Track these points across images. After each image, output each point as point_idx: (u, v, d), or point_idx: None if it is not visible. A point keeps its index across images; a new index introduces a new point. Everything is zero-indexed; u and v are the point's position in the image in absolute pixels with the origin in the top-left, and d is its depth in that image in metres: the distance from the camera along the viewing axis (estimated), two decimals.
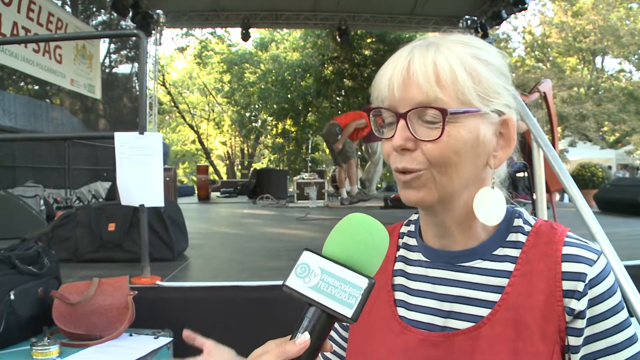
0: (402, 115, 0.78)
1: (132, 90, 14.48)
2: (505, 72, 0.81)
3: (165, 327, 2.10)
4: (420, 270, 0.89)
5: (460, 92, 0.75)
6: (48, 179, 7.48)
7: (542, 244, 0.81)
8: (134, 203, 2.40)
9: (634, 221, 5.41)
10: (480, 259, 0.83)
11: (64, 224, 2.96)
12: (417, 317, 0.86)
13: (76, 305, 1.96)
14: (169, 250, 2.93)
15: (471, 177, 0.80)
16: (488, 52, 0.80)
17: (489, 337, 0.78)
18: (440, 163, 0.77)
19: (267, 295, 2.29)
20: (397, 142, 0.78)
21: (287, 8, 12.53)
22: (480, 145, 0.78)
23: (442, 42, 0.79)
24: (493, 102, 0.78)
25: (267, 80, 22.36)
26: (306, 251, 0.70)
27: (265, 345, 0.70)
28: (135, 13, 10.57)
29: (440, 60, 0.76)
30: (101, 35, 13.33)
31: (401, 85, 0.77)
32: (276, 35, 24.37)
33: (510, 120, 0.81)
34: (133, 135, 2.36)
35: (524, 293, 0.78)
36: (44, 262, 2.10)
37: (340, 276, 0.67)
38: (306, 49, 21.53)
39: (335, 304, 0.66)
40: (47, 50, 8.50)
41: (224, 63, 24.67)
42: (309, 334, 0.67)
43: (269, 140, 26.50)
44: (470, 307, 0.81)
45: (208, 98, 28.53)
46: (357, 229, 0.71)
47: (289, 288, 0.68)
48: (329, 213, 6.71)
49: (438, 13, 12.88)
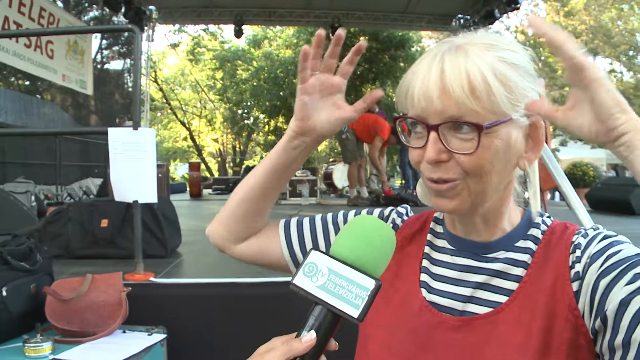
0: (433, 128, 0.78)
1: (123, 86, 14.42)
2: (531, 72, 0.81)
3: (158, 324, 2.09)
4: (445, 257, 0.92)
5: (494, 103, 0.75)
6: (39, 175, 7.44)
7: (555, 239, 0.85)
8: (127, 199, 2.39)
9: (625, 220, 5.46)
10: (503, 250, 0.87)
11: (56, 220, 2.94)
12: (436, 300, 0.89)
13: (69, 302, 1.95)
14: (162, 247, 2.92)
15: (502, 180, 0.82)
16: (515, 52, 0.80)
17: (506, 321, 0.81)
18: (476, 173, 0.78)
19: (261, 292, 2.29)
20: (430, 155, 0.78)
21: (281, 5, 12.52)
22: (511, 150, 0.80)
23: (469, 46, 0.78)
24: (522, 105, 0.78)
25: (260, 78, 22.29)
26: (314, 250, 0.71)
27: (271, 342, 0.70)
28: (128, 9, 10.52)
29: (472, 70, 0.75)
30: (95, 30, 13.28)
31: (436, 97, 0.77)
32: (269, 32, 24.30)
33: (538, 123, 0.82)
34: (127, 130, 2.34)
35: (538, 281, 0.82)
36: (37, 258, 2.08)
37: (347, 277, 0.68)
38: (299, 46, 21.48)
39: (342, 304, 0.67)
40: (39, 45, 8.43)
41: (216, 60, 24.58)
42: (315, 332, 0.68)
43: (260, 138, 26.45)
44: (491, 293, 0.85)
45: (200, 95, 28.44)
46: (367, 231, 0.73)
47: (297, 287, 0.69)
48: (321, 210, 6.68)
49: (431, 11, 12.92)
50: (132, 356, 1.80)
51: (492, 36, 0.82)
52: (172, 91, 28.02)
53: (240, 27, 12.74)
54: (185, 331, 2.17)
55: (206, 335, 2.21)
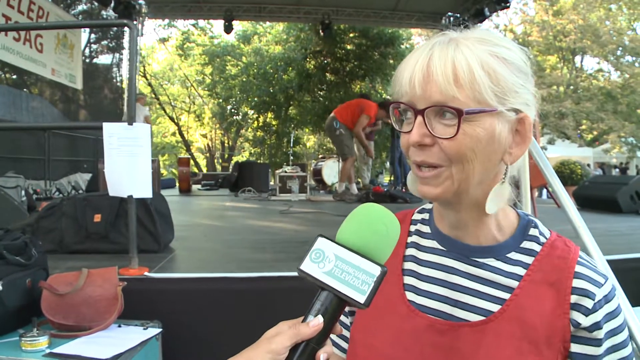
0: (419, 112, 0.80)
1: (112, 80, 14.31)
2: (524, 70, 0.82)
3: (153, 318, 2.11)
4: (434, 258, 0.93)
5: (477, 92, 0.77)
6: (27, 170, 7.37)
7: (555, 257, 0.86)
8: (122, 194, 2.40)
9: (612, 217, 5.53)
10: (494, 258, 0.88)
11: (49, 215, 2.94)
12: (425, 302, 0.90)
13: (65, 296, 1.96)
14: (156, 242, 2.93)
15: (486, 172, 0.83)
16: (508, 49, 0.81)
17: (495, 332, 0.82)
18: (457, 159, 0.80)
19: (255, 287, 2.31)
20: (414, 138, 0.81)
21: (271, 1, 12.47)
22: (495, 143, 0.81)
23: (462, 39, 0.81)
24: (510, 100, 0.80)
25: (249, 73, 22.23)
26: (321, 237, 0.73)
27: (277, 326, 0.72)
28: (118, 3, 10.42)
29: (459, 60, 0.77)
30: (91, 25, 13.11)
31: (421, 83, 0.79)
32: (259, 28, 24.22)
33: (526, 119, 0.82)
34: (122, 126, 2.35)
35: (533, 297, 0.83)
36: (32, 252, 2.08)
37: (354, 263, 0.70)
38: (289, 42, 21.45)
39: (349, 290, 0.69)
40: (28, 39, 8.35)
41: (205, 55, 24.47)
42: (322, 317, 0.70)
43: (249, 134, 26.39)
44: (480, 300, 0.86)
45: (189, 90, 28.30)
46: (373, 218, 0.74)
47: (304, 272, 0.71)
48: (311, 206, 6.73)
49: (421, 9, 12.94)
50: (129, 350, 1.82)
51: (487, 32, 0.84)
52: (161, 86, 27.86)
53: (230, 23, 12.68)
54: (180, 325, 2.19)
55: (200, 329, 2.22)
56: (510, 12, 25.00)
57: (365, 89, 19.64)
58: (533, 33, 26.24)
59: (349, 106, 7.95)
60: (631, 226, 4.87)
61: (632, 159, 25.71)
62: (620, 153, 25.78)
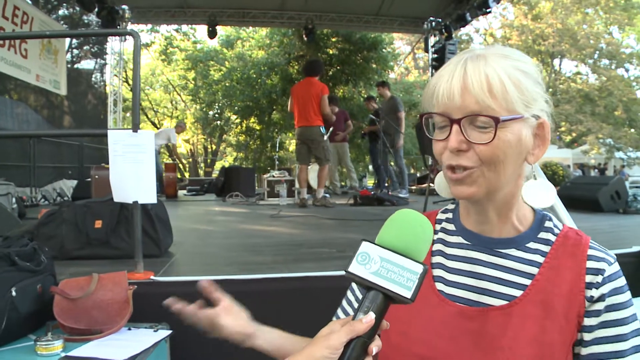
0: (456, 121, 0.90)
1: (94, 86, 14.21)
2: (539, 81, 0.93)
3: (161, 321, 2.15)
4: (460, 252, 1.02)
5: (508, 101, 0.88)
6: (13, 177, 7.32)
7: (570, 245, 0.96)
8: (127, 200, 2.43)
9: (594, 217, 5.68)
10: (515, 248, 0.98)
11: (49, 222, 2.95)
12: (454, 291, 0.99)
13: (77, 301, 1.99)
14: (156, 246, 2.96)
15: (513, 172, 0.93)
16: (526, 63, 0.92)
17: (520, 314, 0.92)
18: (490, 162, 0.89)
19: (263, 288, 2.36)
20: (453, 145, 0.90)
21: (255, 6, 12.54)
22: (522, 145, 0.91)
23: (488, 54, 0.90)
24: (532, 107, 0.91)
25: (232, 78, 22.19)
26: (365, 241, 0.81)
27: (330, 325, 0.80)
28: (102, 8, 10.41)
29: (491, 73, 0.87)
30: (97, 34, 13.03)
31: (458, 94, 0.89)
32: (242, 33, 24.20)
33: (545, 123, 0.94)
34: (127, 133, 2.39)
35: (552, 281, 0.93)
36: (41, 258, 2.11)
37: (398, 263, 0.78)
38: (272, 47, 21.48)
39: (396, 287, 0.77)
40: (13, 44, 8.27)
41: (188, 60, 24.38)
42: (373, 313, 0.77)
43: (232, 138, 26.31)
44: (504, 287, 0.95)
45: (172, 95, 28.15)
46: (412, 222, 0.82)
47: (352, 274, 0.78)
48: (300, 210, 6.78)
49: (403, 14, 13.13)
50: (143, 351, 1.86)
51: (506, 49, 0.95)
52: (143, 91, 27.67)
53: (214, 28, 12.73)
54: (187, 327, 2.22)
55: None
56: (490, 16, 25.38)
57: (349, 93, 19.75)
58: (513, 37, 26.67)
59: (309, 104, 7.29)
60: (612, 224, 5.04)
61: (610, 159, 26.25)
62: (599, 154, 26.30)
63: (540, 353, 0.89)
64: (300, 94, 7.37)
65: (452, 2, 11.86)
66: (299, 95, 7.37)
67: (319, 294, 2.42)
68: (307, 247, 3.52)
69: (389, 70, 21.07)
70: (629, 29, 26.07)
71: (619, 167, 25.64)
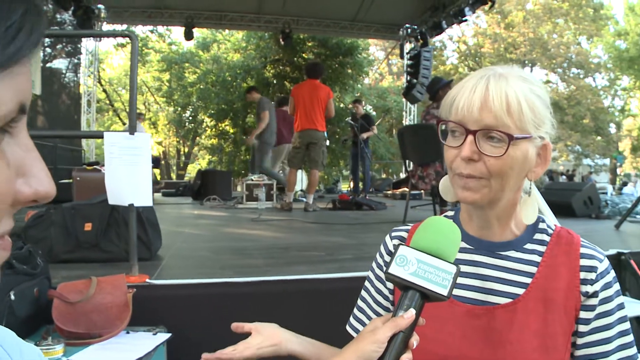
0: (472, 132, 0.97)
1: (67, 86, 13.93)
2: (548, 105, 1.02)
3: (158, 324, 2.15)
4: (463, 256, 1.09)
5: (522, 121, 0.96)
6: None
7: (563, 244, 1.05)
8: (122, 202, 2.42)
9: (568, 222, 5.83)
10: (514, 250, 1.06)
11: (37, 224, 2.90)
12: (461, 293, 1.06)
13: (76, 305, 1.97)
14: (147, 249, 2.94)
15: (515, 185, 1.02)
16: (540, 88, 1.01)
17: (524, 310, 1.00)
18: (497, 174, 0.97)
19: (259, 290, 2.38)
20: (465, 154, 0.98)
21: (232, 9, 12.54)
22: (526, 162, 1.00)
23: (509, 75, 0.98)
24: (541, 129, 0.99)
25: (207, 81, 22.06)
26: (402, 245, 0.88)
27: (372, 323, 0.88)
28: (77, 7, 10.26)
29: (510, 94, 0.95)
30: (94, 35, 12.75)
31: (477, 108, 0.96)
32: (218, 35, 24.08)
33: (548, 145, 1.03)
34: (123, 135, 2.37)
35: (550, 278, 1.02)
36: (37, 261, 2.09)
37: (433, 264, 0.85)
38: (248, 50, 21.43)
39: (433, 286, 0.84)
40: None
41: (163, 62, 24.13)
42: (414, 309, 0.84)
43: (205, 141, 26.12)
44: (508, 286, 1.04)
45: (145, 96, 27.80)
46: (443, 228, 0.89)
47: (392, 275, 0.85)
48: (280, 214, 6.78)
49: (380, 20, 13.28)
50: (145, 355, 1.85)
51: (526, 73, 1.04)
52: (115, 92, 27.28)
53: (191, 30, 12.67)
54: (184, 331, 2.22)
55: (205, 333, 2.26)
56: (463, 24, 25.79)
57: None
58: (485, 45, 27.19)
59: (316, 107, 7.08)
60: (586, 229, 5.21)
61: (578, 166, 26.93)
62: (567, 161, 26.97)
63: (544, 344, 0.97)
64: (304, 97, 7.08)
65: (428, 9, 12.05)
66: (303, 97, 7.08)
67: (317, 296, 2.45)
68: (296, 250, 3.54)
69: (364, 75, 21.23)
70: (597, 39, 26.88)
71: (586, 174, 26.39)
